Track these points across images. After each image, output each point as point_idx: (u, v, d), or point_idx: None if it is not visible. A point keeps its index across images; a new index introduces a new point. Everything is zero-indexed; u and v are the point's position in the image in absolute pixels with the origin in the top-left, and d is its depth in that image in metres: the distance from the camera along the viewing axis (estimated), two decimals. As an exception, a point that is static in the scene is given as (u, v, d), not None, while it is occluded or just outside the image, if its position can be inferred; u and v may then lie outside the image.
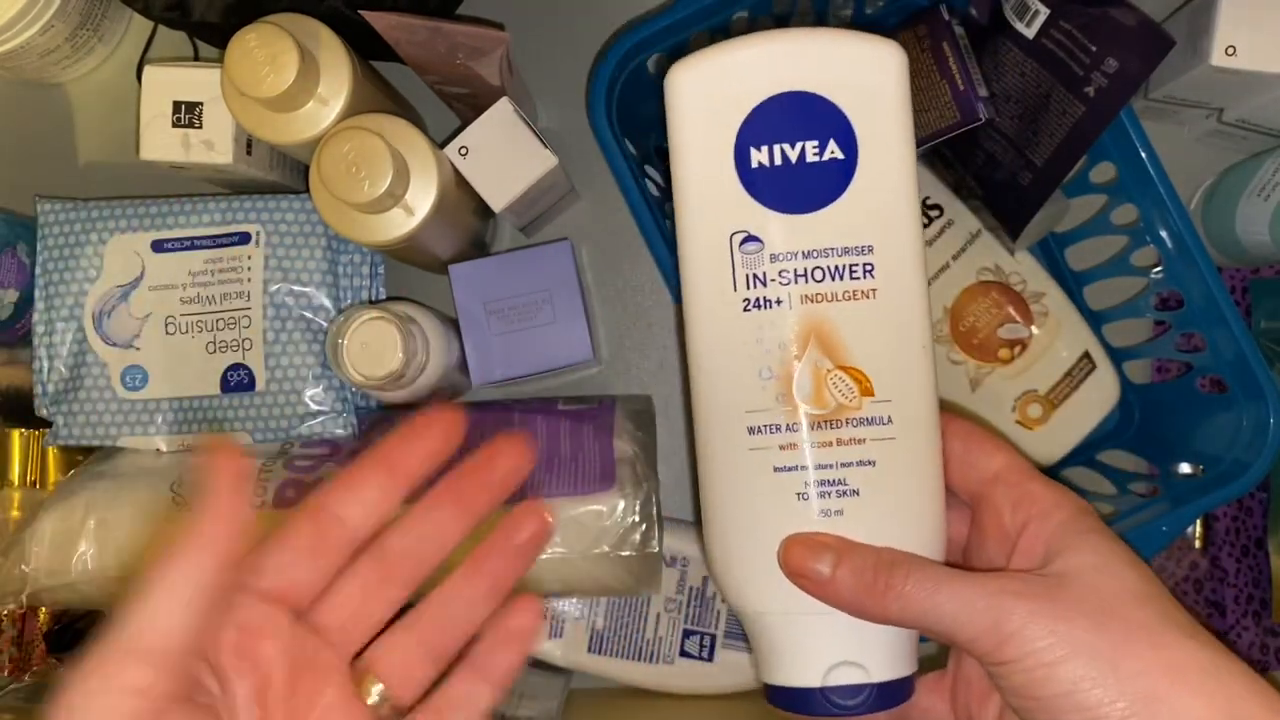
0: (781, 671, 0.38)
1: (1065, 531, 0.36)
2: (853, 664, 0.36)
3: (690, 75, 0.39)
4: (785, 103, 0.37)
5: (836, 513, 0.36)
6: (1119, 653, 0.32)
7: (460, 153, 0.54)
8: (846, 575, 0.35)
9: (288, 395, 0.57)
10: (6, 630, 0.61)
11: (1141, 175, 0.55)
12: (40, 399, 0.58)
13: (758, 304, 0.37)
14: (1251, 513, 0.64)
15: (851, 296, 0.37)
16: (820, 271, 0.37)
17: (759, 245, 0.37)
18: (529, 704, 0.60)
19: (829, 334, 0.37)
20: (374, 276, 0.60)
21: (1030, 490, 0.37)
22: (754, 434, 0.37)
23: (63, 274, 0.58)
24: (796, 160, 0.37)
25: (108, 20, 0.65)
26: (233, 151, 0.57)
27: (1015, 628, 0.33)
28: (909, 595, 0.34)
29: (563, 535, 0.53)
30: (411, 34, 0.52)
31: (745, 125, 0.37)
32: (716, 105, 0.38)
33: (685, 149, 0.39)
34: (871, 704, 0.36)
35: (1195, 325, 0.56)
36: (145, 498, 0.54)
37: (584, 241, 0.66)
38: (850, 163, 0.37)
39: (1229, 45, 0.55)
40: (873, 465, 0.36)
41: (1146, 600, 0.34)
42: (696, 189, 0.39)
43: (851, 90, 0.37)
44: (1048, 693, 0.33)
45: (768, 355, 0.37)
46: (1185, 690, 0.32)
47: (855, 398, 0.37)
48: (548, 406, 0.60)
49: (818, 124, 0.37)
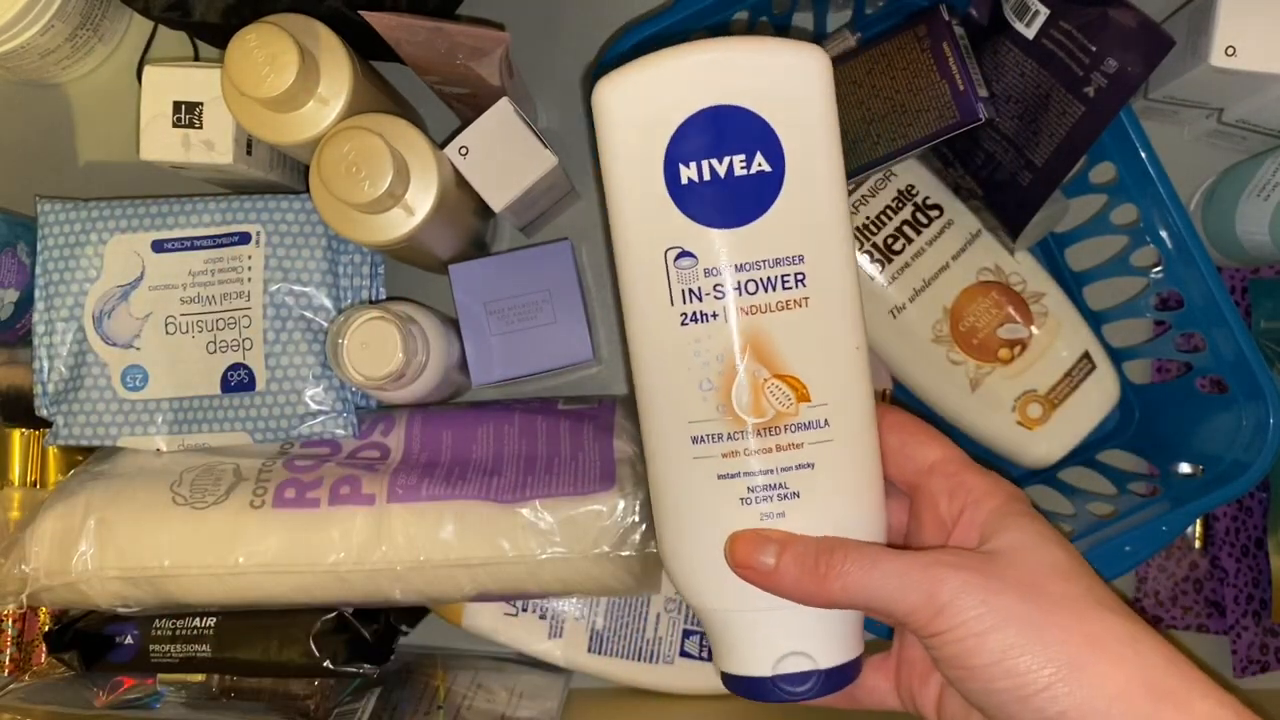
0: (735, 662, 0.40)
1: (998, 515, 0.38)
2: (800, 654, 0.39)
3: (617, 92, 0.39)
4: (710, 117, 0.38)
5: (779, 515, 0.38)
6: (1045, 622, 0.34)
7: (460, 153, 0.54)
8: (790, 563, 0.37)
9: (288, 395, 0.57)
10: (6, 630, 0.62)
11: (1141, 175, 0.55)
12: (40, 399, 0.58)
13: (695, 318, 0.38)
14: (1251, 513, 0.64)
15: (784, 306, 0.38)
16: (753, 284, 0.38)
17: (693, 260, 0.38)
18: (529, 704, 0.60)
19: (764, 344, 0.38)
20: (374, 276, 0.60)
21: (965, 480, 0.39)
22: (697, 443, 0.38)
23: (63, 274, 0.58)
24: (725, 174, 0.38)
25: (108, 20, 0.65)
26: (233, 151, 0.57)
27: (948, 598, 0.35)
28: (849, 574, 0.36)
29: (563, 535, 0.53)
30: (411, 34, 0.52)
31: (673, 142, 0.38)
32: (644, 122, 0.38)
33: (616, 167, 0.39)
34: (819, 688, 0.39)
35: (1195, 325, 0.56)
36: (145, 498, 0.54)
37: (584, 241, 0.66)
38: (778, 174, 0.38)
39: (1229, 45, 0.55)
40: (812, 468, 0.38)
41: (1072, 576, 0.36)
42: (629, 206, 0.39)
43: (776, 101, 0.38)
44: (978, 662, 0.34)
45: (706, 367, 0.38)
46: (1106, 659, 0.34)
47: (792, 404, 0.38)
48: (548, 406, 0.60)
49: (744, 137, 0.38)
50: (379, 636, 0.57)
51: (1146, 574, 0.65)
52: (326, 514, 0.53)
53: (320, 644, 0.55)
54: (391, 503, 0.53)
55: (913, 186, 0.62)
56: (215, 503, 0.54)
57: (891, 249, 0.61)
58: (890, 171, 0.61)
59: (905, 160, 0.58)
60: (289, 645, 0.55)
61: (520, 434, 0.58)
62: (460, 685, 0.60)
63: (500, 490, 0.54)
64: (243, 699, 0.58)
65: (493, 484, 0.54)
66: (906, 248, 0.61)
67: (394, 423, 0.59)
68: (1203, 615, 0.65)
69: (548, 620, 0.61)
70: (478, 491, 0.54)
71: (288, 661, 0.56)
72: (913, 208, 0.61)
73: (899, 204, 0.61)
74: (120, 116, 0.66)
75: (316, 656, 0.55)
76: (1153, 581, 0.65)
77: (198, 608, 0.56)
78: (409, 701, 0.58)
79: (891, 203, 0.61)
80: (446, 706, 0.58)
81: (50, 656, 0.58)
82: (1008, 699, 0.34)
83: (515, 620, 0.61)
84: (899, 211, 0.61)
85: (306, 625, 0.56)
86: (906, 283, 0.61)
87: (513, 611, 0.61)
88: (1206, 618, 0.65)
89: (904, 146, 0.55)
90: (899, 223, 0.61)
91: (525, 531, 0.53)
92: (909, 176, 0.62)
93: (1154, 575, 0.65)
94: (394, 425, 0.59)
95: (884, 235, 0.61)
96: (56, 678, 0.59)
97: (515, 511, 0.53)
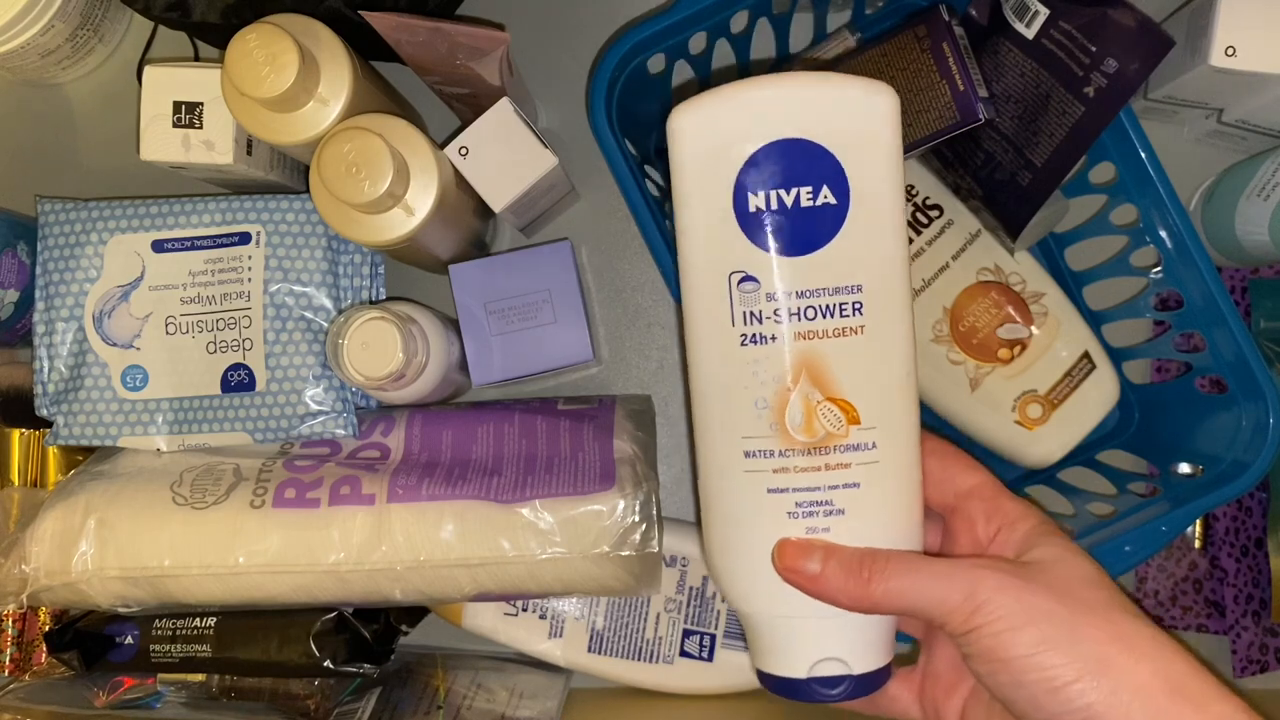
0: (773, 662, 0.42)
1: (1031, 534, 0.41)
2: (835, 659, 0.41)
3: (692, 119, 0.41)
4: (781, 149, 0.39)
5: (824, 530, 0.40)
6: (1076, 622, 0.37)
7: (460, 153, 0.54)
8: (834, 569, 0.39)
9: (288, 395, 0.57)
10: (6, 630, 0.62)
11: (1141, 175, 0.55)
12: (40, 399, 0.58)
13: (754, 339, 0.40)
14: (1251, 513, 0.64)
15: (841, 333, 0.40)
16: (813, 310, 0.39)
17: (756, 285, 0.40)
18: (529, 704, 0.60)
19: (819, 368, 0.40)
20: (374, 276, 0.60)
21: (1002, 504, 0.42)
22: (750, 457, 0.41)
23: (63, 274, 0.58)
24: (792, 205, 0.39)
25: (108, 20, 0.65)
26: (233, 151, 0.57)
27: (986, 596, 0.38)
28: (890, 578, 0.39)
29: (563, 535, 0.53)
30: (411, 34, 0.52)
31: (743, 171, 0.40)
32: (716, 151, 0.40)
33: (688, 192, 0.41)
34: (850, 692, 0.41)
35: (1195, 325, 0.56)
36: (145, 498, 0.54)
37: (584, 241, 0.66)
38: (843, 208, 0.39)
39: (1229, 45, 0.55)
40: (858, 487, 0.40)
41: (1100, 586, 0.39)
42: (698, 231, 0.41)
43: (845, 136, 0.40)
44: (1013, 654, 0.37)
45: (763, 387, 0.40)
46: (1133, 657, 0.37)
47: (843, 426, 0.40)
48: (548, 406, 0.60)
49: (812, 170, 0.39)
50: (379, 636, 0.57)
51: (1146, 574, 0.65)
52: (326, 514, 0.53)
53: (320, 644, 0.55)
54: (391, 503, 0.53)
55: (913, 186, 0.62)
56: (215, 503, 0.54)
57: (891, 249, 0.61)
58: (890, 171, 0.61)
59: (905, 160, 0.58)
60: (289, 645, 0.56)
61: (520, 434, 0.58)
62: (460, 685, 0.60)
63: (500, 490, 0.54)
64: (243, 699, 0.58)
65: (493, 484, 0.54)
66: (906, 248, 0.61)
67: (394, 423, 0.59)
68: (1202, 615, 0.65)
69: (548, 620, 0.61)
70: (478, 491, 0.54)
71: (288, 661, 0.56)
72: (913, 208, 0.61)
73: (899, 204, 0.61)
74: (120, 116, 0.66)
75: (316, 656, 0.55)
76: (1153, 581, 0.65)
77: (198, 608, 0.56)
78: (409, 701, 0.59)
79: (891, 203, 0.61)
80: (446, 706, 0.58)
81: (50, 656, 0.58)
82: (1038, 690, 0.37)
83: (515, 620, 0.61)
84: (899, 211, 0.61)
85: (306, 625, 0.56)
86: (906, 283, 0.61)
87: (513, 611, 0.61)
88: (1206, 618, 0.65)
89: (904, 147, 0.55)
90: (899, 223, 0.61)
91: (525, 531, 0.53)
92: (909, 176, 0.62)
93: (1154, 575, 0.65)
94: (394, 425, 0.59)
95: (884, 235, 0.61)
96: (56, 678, 0.59)
97: (515, 511, 0.53)
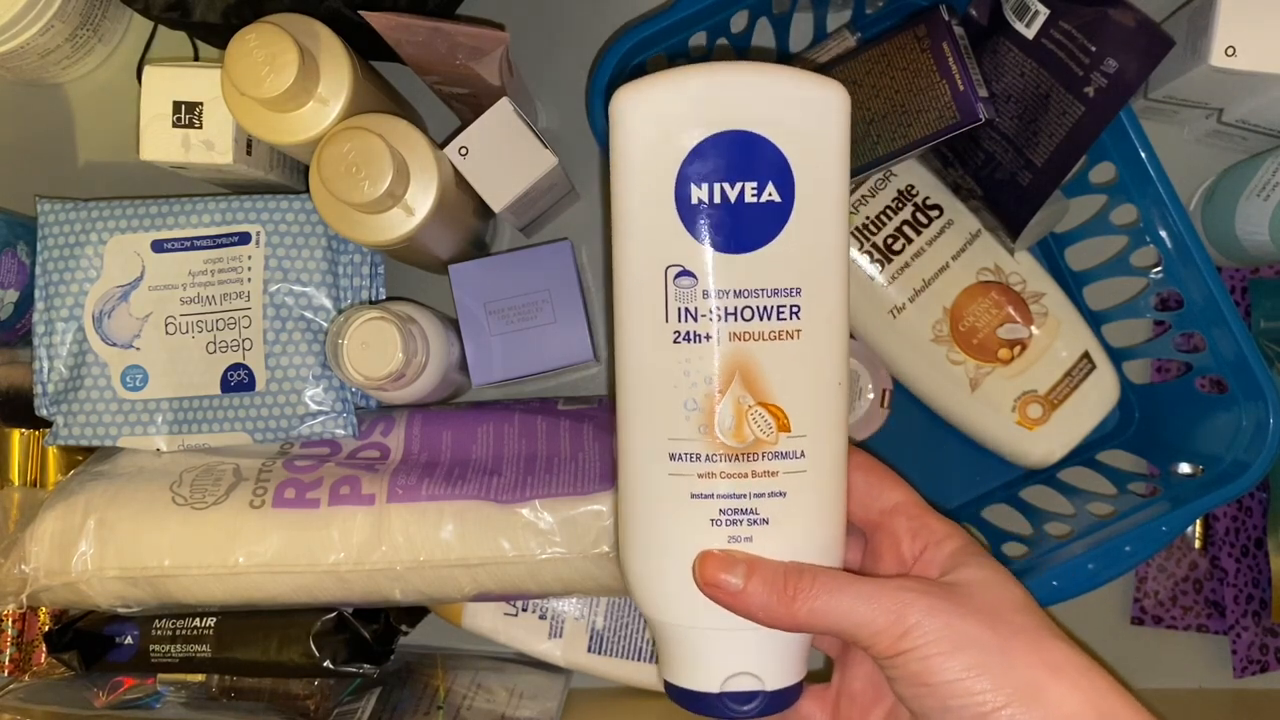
0: (684, 675, 0.41)
1: (958, 554, 0.40)
2: (749, 674, 0.39)
3: (637, 101, 0.39)
4: (729, 141, 0.38)
5: (746, 539, 0.39)
6: (1006, 648, 0.36)
7: (460, 153, 0.54)
8: (758, 585, 0.38)
9: (288, 395, 0.57)
10: (6, 630, 0.62)
11: (1141, 175, 0.55)
12: (40, 399, 0.58)
13: (688, 337, 0.38)
14: (1251, 513, 0.64)
15: (776, 336, 0.38)
16: (749, 310, 0.38)
17: (693, 280, 0.38)
18: (529, 704, 0.60)
19: (752, 371, 0.38)
20: (374, 276, 0.60)
21: (928, 522, 0.41)
22: (675, 460, 0.39)
23: (63, 274, 0.58)
24: (735, 200, 0.38)
25: (108, 20, 0.65)
26: (233, 151, 0.57)
27: (915, 620, 0.37)
28: (816, 598, 0.38)
29: (563, 535, 0.53)
30: (411, 34, 0.52)
31: (687, 161, 0.38)
32: (661, 136, 0.38)
33: (627, 177, 0.39)
34: (763, 709, 0.40)
35: (1195, 325, 0.56)
36: (145, 498, 0.54)
37: (584, 241, 0.66)
38: (787, 206, 0.38)
39: (1229, 45, 0.55)
40: (784, 496, 0.39)
41: (1029, 611, 0.38)
42: (636, 218, 0.39)
43: (794, 133, 0.38)
44: (940, 679, 0.36)
45: (694, 388, 0.38)
46: (1063, 684, 0.36)
47: (773, 433, 0.38)
48: (548, 406, 0.60)
49: (758, 165, 0.38)
50: (379, 636, 0.57)
51: (1146, 574, 0.65)
52: (326, 514, 0.53)
53: (320, 644, 0.55)
54: (391, 503, 0.53)
55: (913, 186, 0.62)
56: (215, 503, 0.54)
57: (891, 249, 0.61)
58: (890, 171, 0.61)
59: (905, 160, 0.58)
60: (289, 645, 0.56)
61: (520, 434, 0.58)
62: (460, 685, 0.60)
63: (500, 490, 0.54)
64: (243, 699, 0.58)
65: (493, 484, 0.54)
66: (906, 248, 0.61)
67: (394, 423, 0.59)
68: (1203, 615, 0.65)
69: (548, 620, 0.61)
70: (478, 491, 0.54)
71: (287, 661, 0.56)
72: (913, 208, 0.61)
73: (899, 204, 0.61)
74: (120, 116, 0.66)
75: (316, 656, 0.55)
76: (1153, 581, 0.65)
77: (198, 608, 0.56)
78: (409, 701, 0.59)
79: (891, 203, 0.61)
80: (446, 706, 0.58)
81: (50, 656, 0.58)
82: (965, 716, 0.36)
83: (515, 620, 0.61)
84: (899, 211, 0.61)
85: (306, 625, 0.56)
86: (906, 283, 0.61)
87: (513, 611, 0.61)
88: (1206, 618, 0.65)
89: (904, 147, 0.55)
90: (899, 223, 0.61)
91: (525, 531, 0.53)
92: (909, 176, 0.62)
93: (1154, 575, 0.65)
94: (394, 425, 0.59)
95: (884, 235, 0.61)
96: (56, 678, 0.59)
97: (515, 511, 0.53)
